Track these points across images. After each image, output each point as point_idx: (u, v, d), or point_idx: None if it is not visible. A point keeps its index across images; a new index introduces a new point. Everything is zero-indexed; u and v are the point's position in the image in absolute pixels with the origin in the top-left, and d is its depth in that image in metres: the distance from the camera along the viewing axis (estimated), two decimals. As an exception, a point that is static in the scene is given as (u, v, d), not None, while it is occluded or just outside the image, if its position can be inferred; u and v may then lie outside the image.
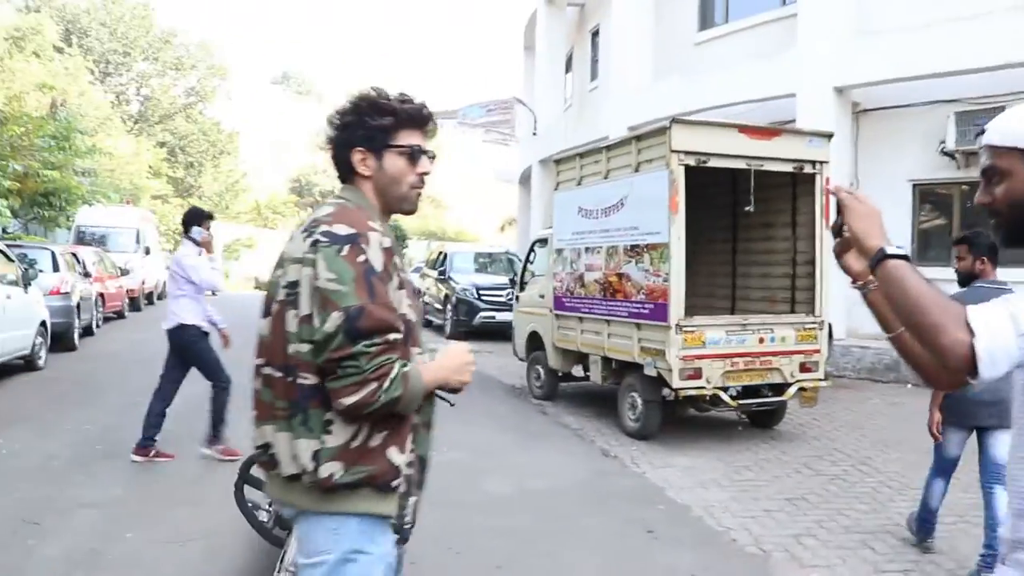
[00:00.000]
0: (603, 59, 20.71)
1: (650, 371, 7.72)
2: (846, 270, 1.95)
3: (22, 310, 10.45)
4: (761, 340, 7.77)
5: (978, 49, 10.98)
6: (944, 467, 4.87)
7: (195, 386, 6.84)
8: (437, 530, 5.16)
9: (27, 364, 10.83)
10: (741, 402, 7.83)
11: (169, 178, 39.75)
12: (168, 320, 6.75)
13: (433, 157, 2.26)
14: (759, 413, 8.51)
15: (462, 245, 25.38)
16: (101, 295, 16.97)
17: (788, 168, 8.03)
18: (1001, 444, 4.37)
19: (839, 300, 11.42)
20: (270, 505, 4.08)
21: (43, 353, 11.27)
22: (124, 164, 30.78)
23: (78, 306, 13.57)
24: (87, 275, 15.38)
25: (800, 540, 5.27)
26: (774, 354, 7.80)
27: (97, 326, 16.33)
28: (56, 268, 13.29)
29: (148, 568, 4.55)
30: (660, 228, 7.60)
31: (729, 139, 7.73)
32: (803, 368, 7.93)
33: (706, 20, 16.88)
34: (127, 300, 20.22)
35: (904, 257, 1.60)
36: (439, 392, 2.27)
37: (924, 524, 5.06)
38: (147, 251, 23.86)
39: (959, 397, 4.46)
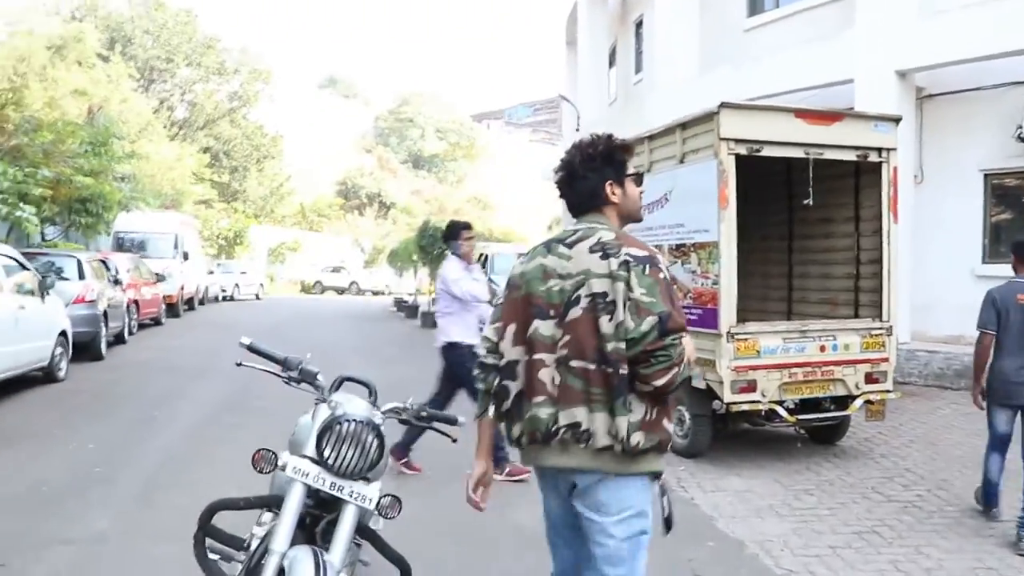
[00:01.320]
0: (648, 50, 19.90)
1: (699, 383, 6.97)
2: None
3: (37, 320, 10.01)
4: (822, 348, 6.98)
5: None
6: (997, 444, 5.47)
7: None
8: (463, 571, 4.53)
9: (46, 376, 10.44)
10: (800, 417, 7.04)
11: (213, 183, 39.72)
12: (438, 339, 6.74)
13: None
14: (820, 428, 7.69)
15: (504, 246, 24.93)
16: (135, 302, 16.76)
17: (851, 156, 7.20)
18: None
19: (903, 301, 10.56)
20: (242, 555, 3.47)
21: (64, 364, 10.87)
22: (166, 170, 30.68)
23: (105, 314, 13.20)
24: (117, 282, 15.08)
25: (875, 587, 4.51)
26: (837, 364, 7.02)
27: (131, 333, 16.15)
28: (82, 276, 12.94)
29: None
30: (708, 225, 6.86)
31: (784, 125, 6.93)
32: (869, 379, 7.13)
33: (756, 5, 16.00)
34: (164, 306, 20.04)
35: None
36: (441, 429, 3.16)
37: (988, 494, 5.60)
38: (185, 256, 23.74)
39: (1003, 380, 5.30)
